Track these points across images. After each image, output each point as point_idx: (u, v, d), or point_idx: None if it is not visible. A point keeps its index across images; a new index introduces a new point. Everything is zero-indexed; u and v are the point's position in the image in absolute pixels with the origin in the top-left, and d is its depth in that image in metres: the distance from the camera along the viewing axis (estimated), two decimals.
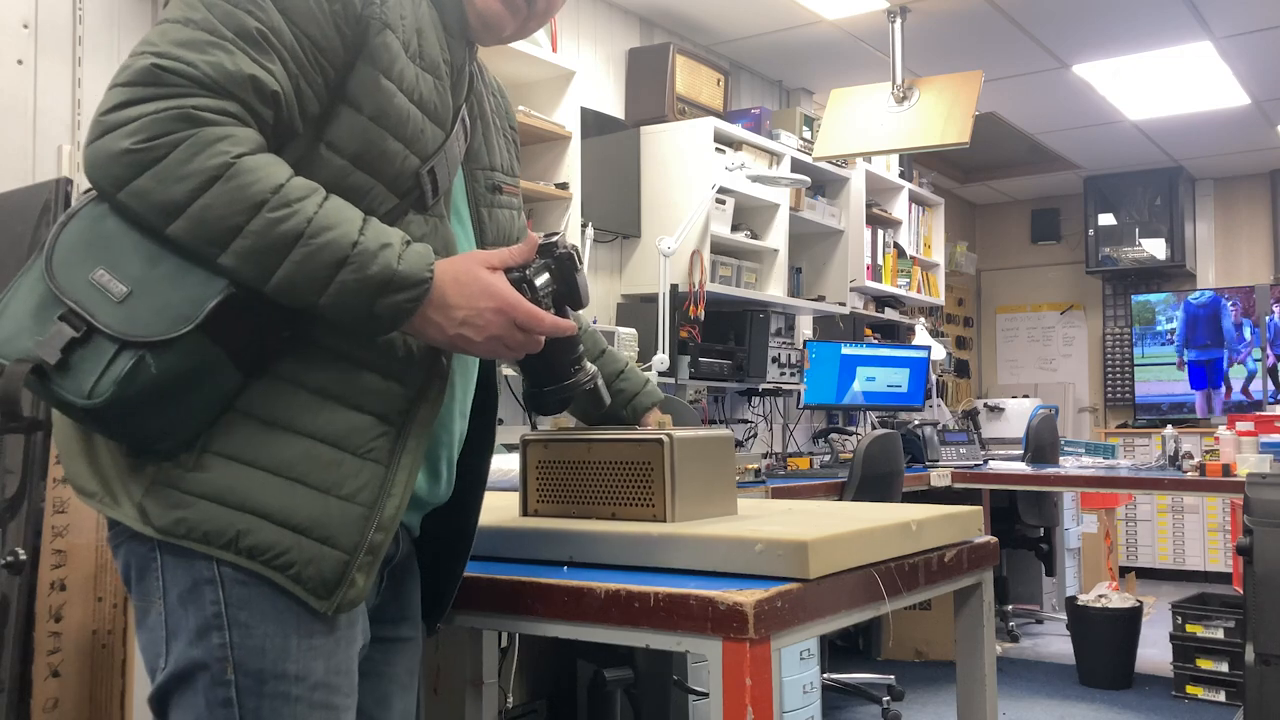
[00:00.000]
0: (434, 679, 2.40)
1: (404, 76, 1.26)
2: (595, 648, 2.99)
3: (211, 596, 1.17)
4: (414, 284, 1.18)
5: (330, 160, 1.22)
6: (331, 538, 1.20)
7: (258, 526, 1.17)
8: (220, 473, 1.17)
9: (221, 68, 1.13)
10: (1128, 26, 4.96)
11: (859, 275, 5.46)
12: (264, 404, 1.19)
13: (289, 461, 1.19)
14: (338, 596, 1.20)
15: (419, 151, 1.27)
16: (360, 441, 1.23)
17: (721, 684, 1.27)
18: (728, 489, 1.69)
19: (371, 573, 1.24)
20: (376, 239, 1.17)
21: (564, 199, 3.68)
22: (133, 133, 1.09)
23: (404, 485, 1.26)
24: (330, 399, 1.22)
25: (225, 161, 1.10)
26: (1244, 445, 4.34)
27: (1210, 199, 7.93)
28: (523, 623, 1.47)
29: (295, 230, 1.12)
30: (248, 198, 1.11)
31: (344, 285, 1.14)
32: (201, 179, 1.10)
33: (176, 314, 1.11)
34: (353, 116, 1.23)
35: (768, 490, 3.89)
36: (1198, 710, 4.35)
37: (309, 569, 1.19)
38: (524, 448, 1.71)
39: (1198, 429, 6.99)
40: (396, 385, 1.26)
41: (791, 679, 3.71)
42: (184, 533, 1.16)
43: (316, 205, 1.15)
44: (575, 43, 4.38)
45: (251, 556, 1.17)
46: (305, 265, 1.13)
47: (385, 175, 1.25)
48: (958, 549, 1.72)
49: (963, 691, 1.83)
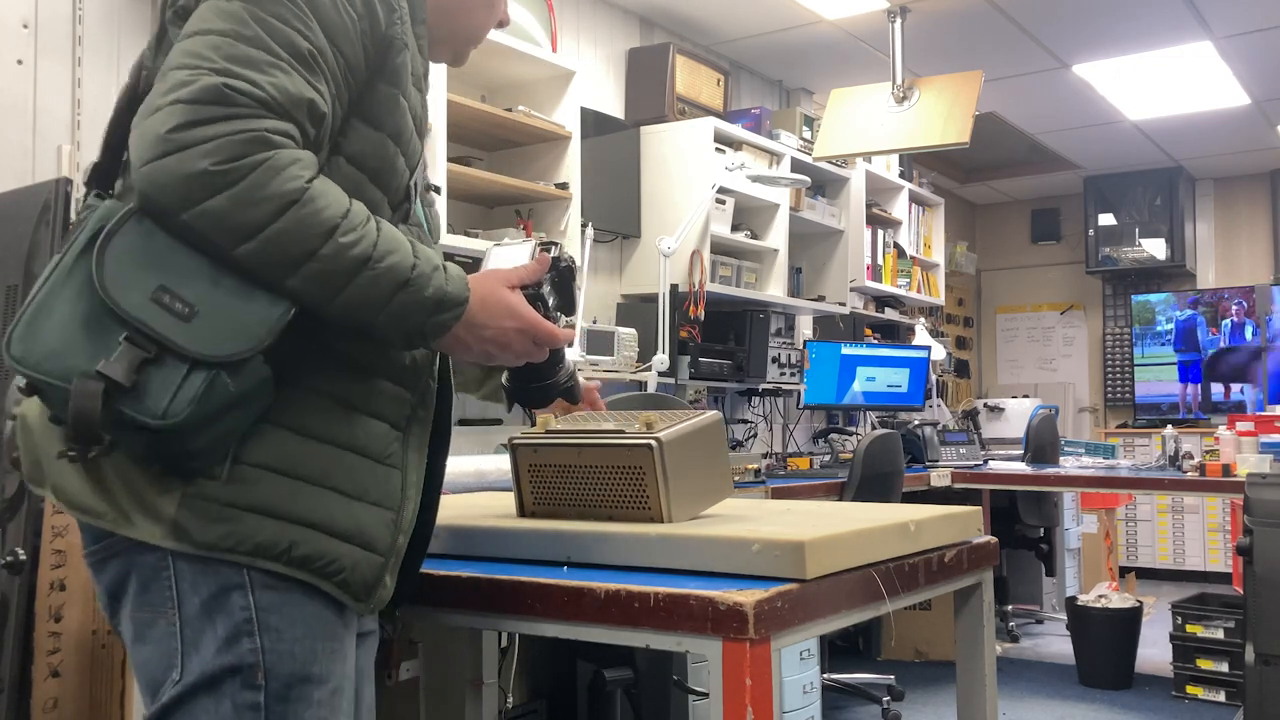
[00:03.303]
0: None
1: (410, 94, 1.30)
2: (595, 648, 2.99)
3: (241, 602, 1.18)
4: (458, 303, 1.23)
5: (350, 174, 1.24)
6: (370, 543, 1.25)
7: (309, 537, 1.19)
8: (263, 484, 1.18)
9: (285, 90, 1.14)
10: (1128, 26, 4.96)
11: (859, 275, 5.46)
12: (292, 414, 1.21)
13: (324, 470, 1.21)
14: (374, 598, 1.27)
15: (412, 165, 1.32)
16: (381, 448, 1.27)
17: (721, 684, 1.27)
18: (722, 473, 1.69)
19: (395, 574, 1.29)
20: (428, 261, 1.21)
21: (564, 199, 3.69)
22: (209, 153, 1.08)
23: (416, 487, 1.32)
24: (352, 408, 1.25)
25: (301, 186, 1.12)
26: (1244, 445, 4.34)
27: (1210, 199, 7.93)
28: (523, 623, 1.47)
29: (364, 254, 1.15)
30: (322, 222, 1.12)
31: (403, 305, 1.19)
32: (280, 203, 1.10)
33: (249, 334, 1.12)
34: (371, 133, 1.25)
35: (767, 490, 3.89)
36: (1198, 710, 4.35)
37: (354, 574, 1.23)
38: (513, 451, 1.71)
39: (1198, 429, 6.98)
40: (404, 391, 1.31)
41: (791, 679, 3.71)
42: (232, 545, 1.16)
43: (376, 229, 1.17)
44: (575, 43, 4.38)
45: (303, 566, 1.19)
46: (371, 288, 1.16)
47: (391, 189, 1.29)
48: (957, 549, 1.72)
49: (963, 691, 1.83)
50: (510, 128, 3.61)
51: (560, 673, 3.30)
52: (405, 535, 1.30)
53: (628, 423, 1.66)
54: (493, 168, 3.64)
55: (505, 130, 3.64)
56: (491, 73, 3.68)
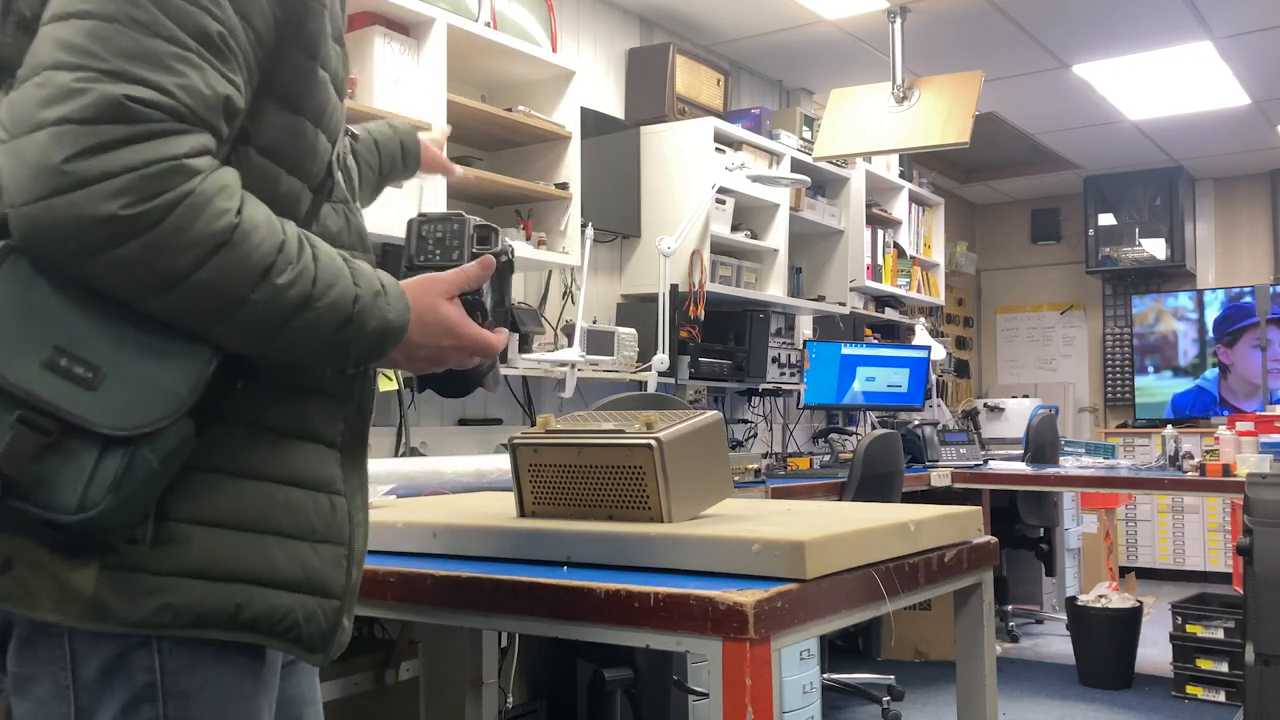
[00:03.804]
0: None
1: (330, 60, 1.12)
2: (595, 648, 2.99)
3: (144, 663, 1.01)
4: (401, 330, 1.09)
5: (266, 169, 1.05)
6: (324, 587, 1.10)
7: (256, 595, 1.03)
8: (196, 544, 1.01)
9: (197, 92, 0.94)
10: (1128, 26, 4.96)
11: (859, 275, 5.46)
12: (216, 452, 1.03)
13: (262, 513, 1.05)
14: (332, 645, 1.13)
15: (334, 137, 1.14)
16: (321, 475, 1.12)
17: (721, 684, 1.28)
18: (722, 473, 1.69)
19: (353, 613, 1.15)
20: (369, 287, 1.06)
21: (564, 199, 3.68)
22: (118, 192, 0.89)
23: (363, 511, 1.18)
24: (285, 434, 1.09)
25: (229, 224, 0.94)
26: (1244, 445, 4.34)
27: (1210, 199, 7.93)
28: (523, 623, 1.47)
29: (302, 295, 0.99)
30: (254, 265, 0.96)
31: (344, 342, 1.04)
32: (205, 248, 0.93)
33: (169, 395, 0.95)
34: (287, 119, 1.07)
35: (767, 490, 3.89)
36: (1198, 710, 4.35)
37: (309, 627, 1.08)
38: (513, 451, 1.71)
39: (1198, 429, 6.98)
40: (335, 405, 1.15)
41: (791, 679, 3.71)
42: (169, 620, 1.00)
43: (312, 260, 1.01)
44: (575, 43, 4.38)
45: (253, 629, 1.04)
46: (310, 329, 1.01)
47: (310, 174, 1.11)
48: (957, 549, 1.72)
49: (963, 691, 1.83)
50: (510, 128, 3.61)
51: (560, 673, 3.31)
52: (359, 568, 1.16)
53: (628, 423, 1.66)
54: (492, 168, 3.64)
55: (505, 130, 3.64)
56: (491, 73, 3.68)
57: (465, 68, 3.51)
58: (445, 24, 3.20)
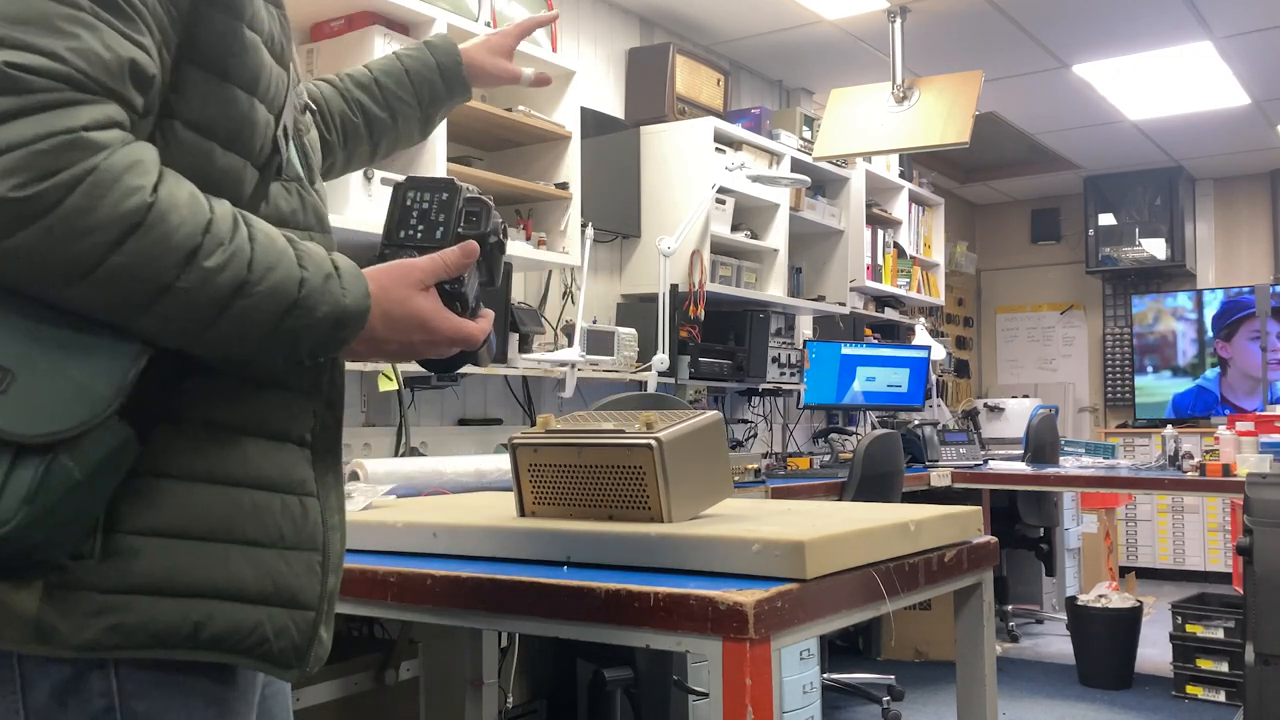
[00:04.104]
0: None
1: (261, 20, 1.01)
2: (595, 648, 2.99)
3: (101, 686, 0.94)
4: (359, 317, 0.99)
5: (194, 144, 0.96)
6: (296, 597, 1.01)
7: (219, 610, 0.95)
8: (148, 556, 0.93)
9: (95, 56, 0.84)
10: (1128, 26, 4.96)
11: (859, 275, 5.46)
12: (170, 455, 0.95)
13: (223, 519, 0.97)
14: (308, 660, 1.04)
15: (275, 109, 1.03)
16: (289, 475, 1.03)
17: (721, 684, 1.27)
18: (722, 473, 1.69)
19: (331, 624, 1.06)
20: (318, 270, 0.96)
21: (564, 199, 3.68)
22: (8, 172, 0.79)
23: (339, 513, 1.09)
24: (246, 433, 1.00)
25: (142, 203, 0.84)
26: (1244, 445, 4.34)
27: (1210, 199, 7.93)
28: (523, 623, 1.47)
29: (235, 280, 0.90)
30: (176, 246, 0.86)
31: (289, 332, 0.94)
32: (116, 231, 0.83)
33: (90, 397, 0.86)
34: (219, 87, 0.96)
35: (767, 490, 3.89)
36: (1198, 710, 4.35)
37: (281, 641, 1.00)
38: (513, 451, 1.71)
39: (1198, 429, 6.99)
40: (302, 399, 1.06)
41: (791, 679, 3.71)
42: (119, 642, 0.92)
43: (248, 240, 0.91)
44: (575, 43, 4.38)
45: (216, 647, 0.96)
46: (249, 317, 0.91)
47: (253, 150, 1.01)
48: (957, 549, 1.72)
49: (963, 691, 1.83)
50: (510, 127, 3.61)
51: (560, 673, 3.31)
52: (338, 575, 1.07)
53: (628, 423, 1.66)
54: (492, 167, 3.64)
55: (505, 130, 3.64)
56: None
57: None
58: (445, 24, 3.20)
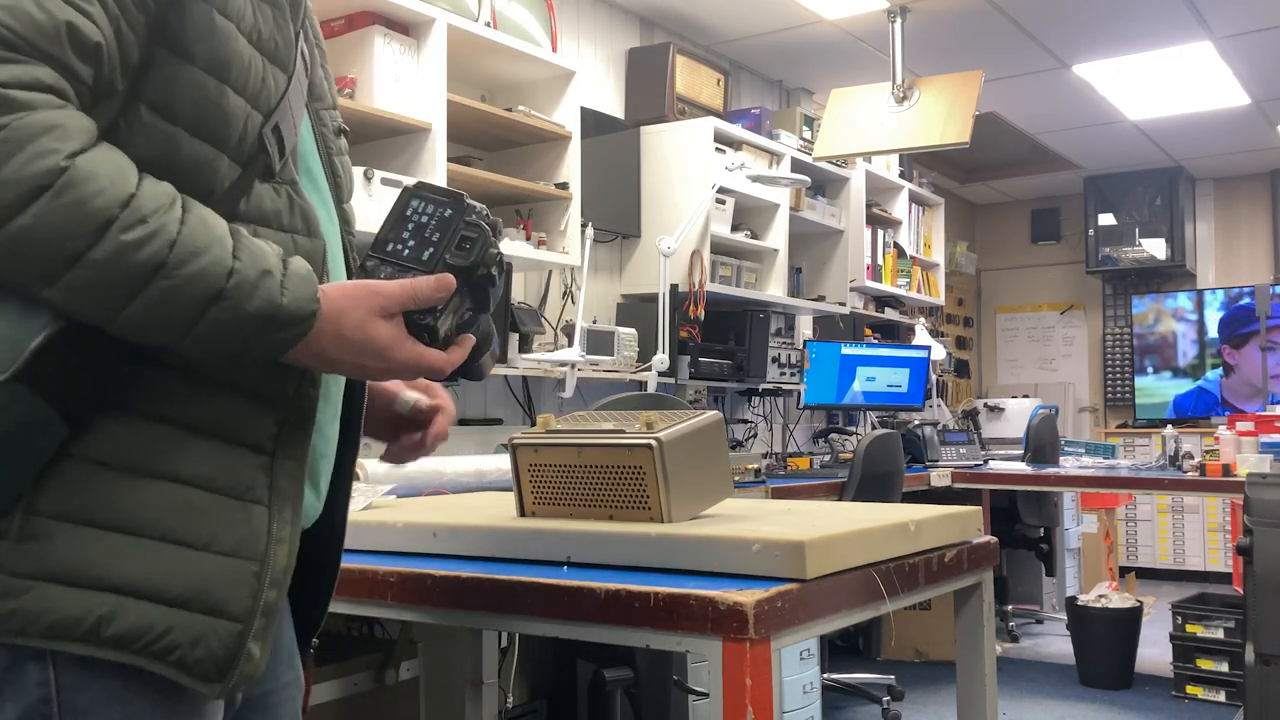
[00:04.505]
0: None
1: (242, 13, 1.00)
2: (595, 648, 2.99)
3: (38, 676, 0.92)
4: (298, 320, 0.95)
5: (157, 127, 0.94)
6: (218, 606, 0.96)
7: (125, 607, 0.92)
8: (63, 543, 0.91)
9: (25, 14, 0.83)
10: (1128, 26, 4.96)
11: (859, 275, 5.46)
12: (111, 446, 0.93)
13: (153, 517, 0.94)
14: (232, 676, 0.98)
15: (262, 107, 1.02)
16: (236, 480, 0.99)
17: (721, 684, 1.28)
18: (722, 473, 1.70)
19: (268, 639, 1.01)
20: (254, 264, 0.93)
21: (564, 199, 3.68)
22: None
23: (291, 525, 1.04)
24: (195, 431, 0.98)
25: (54, 165, 0.83)
26: (1244, 445, 4.34)
27: (1210, 199, 7.93)
28: (523, 623, 1.47)
29: (154, 259, 0.87)
30: (89, 216, 0.84)
31: (215, 323, 0.91)
32: (21, 191, 0.82)
33: None
34: (182, 69, 0.95)
35: (767, 490, 3.89)
36: (1198, 710, 4.35)
37: (196, 650, 0.95)
38: (513, 451, 1.71)
39: (1198, 429, 6.99)
40: (260, 405, 1.02)
41: (791, 679, 3.71)
42: (19, 628, 0.90)
43: (178, 221, 0.89)
44: (575, 43, 4.38)
45: (120, 646, 0.92)
46: (167, 302, 0.88)
47: (226, 141, 0.98)
48: (957, 549, 1.72)
49: (963, 691, 1.83)
50: (510, 128, 3.61)
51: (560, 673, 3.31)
52: (279, 589, 1.02)
53: (628, 423, 1.66)
54: (493, 168, 3.64)
55: (505, 130, 3.64)
56: (491, 73, 3.68)
57: (465, 68, 3.51)
58: (445, 24, 3.20)
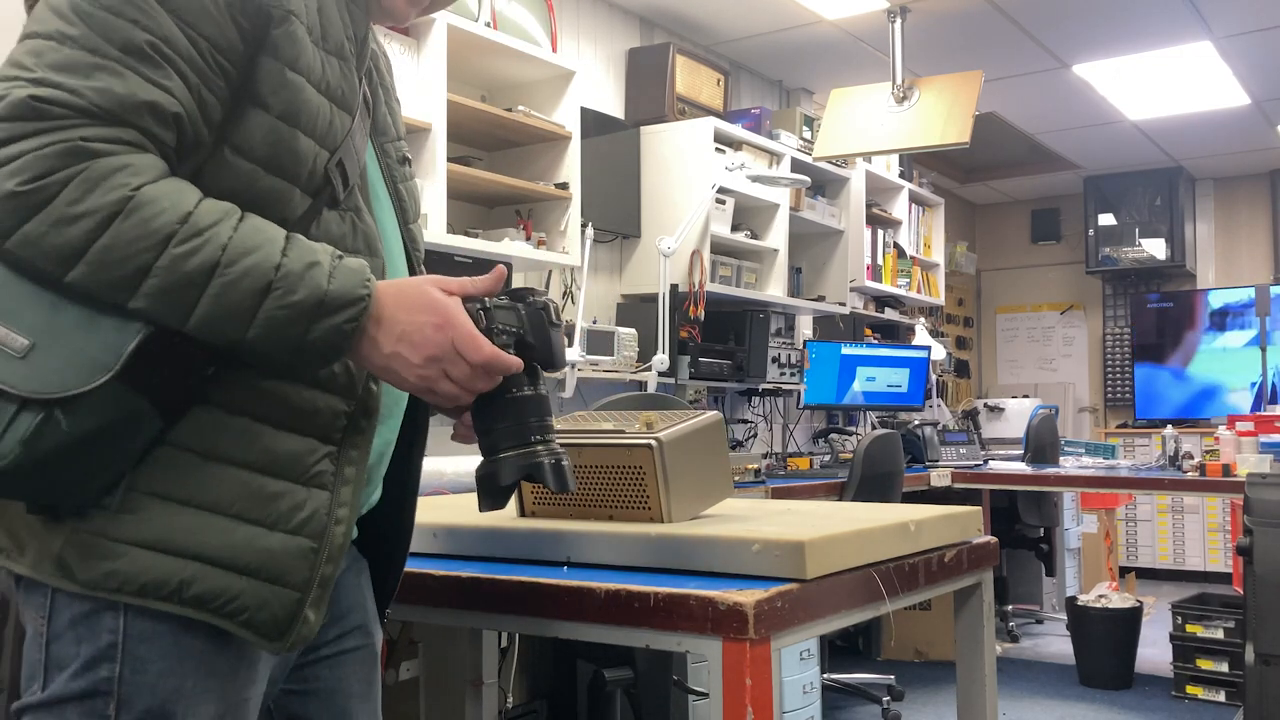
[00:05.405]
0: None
1: (311, 67, 1.16)
2: (595, 648, 2.99)
3: (111, 624, 1.08)
4: (349, 303, 1.07)
5: (237, 165, 1.11)
6: (281, 577, 1.12)
7: (203, 573, 1.08)
8: (154, 515, 1.08)
9: (111, 94, 1.02)
10: (1128, 26, 4.96)
11: (859, 275, 5.46)
12: (198, 435, 1.10)
13: (228, 497, 1.10)
14: (291, 635, 1.14)
15: (329, 145, 1.18)
16: (303, 468, 1.14)
17: (721, 684, 1.28)
18: (722, 473, 1.70)
19: (323, 606, 1.17)
20: (301, 258, 1.06)
21: (564, 199, 3.68)
22: (15, 172, 0.98)
23: (350, 509, 1.18)
24: (268, 424, 1.13)
25: (123, 195, 1.00)
26: (1244, 445, 4.34)
27: (1210, 199, 7.93)
28: (523, 623, 1.47)
29: (209, 261, 1.02)
30: (153, 232, 1.01)
31: (271, 316, 1.04)
32: (98, 218, 0.99)
33: (92, 364, 1.02)
34: (260, 116, 1.12)
35: (767, 490, 3.89)
36: (1198, 710, 4.35)
37: (261, 613, 1.11)
38: None
39: (1198, 429, 6.98)
40: (336, 401, 1.17)
41: (791, 679, 3.71)
42: (116, 586, 1.07)
43: (231, 229, 1.04)
44: (575, 43, 4.38)
45: (199, 606, 1.09)
46: (224, 298, 1.03)
47: (298, 176, 1.15)
48: (957, 549, 1.72)
49: (963, 691, 1.83)
50: (510, 128, 3.61)
51: (560, 673, 3.31)
52: (335, 564, 1.17)
53: (628, 423, 1.66)
54: (493, 168, 3.64)
55: (505, 130, 3.64)
56: (491, 73, 3.68)
57: (465, 68, 3.51)
58: (445, 24, 3.20)
